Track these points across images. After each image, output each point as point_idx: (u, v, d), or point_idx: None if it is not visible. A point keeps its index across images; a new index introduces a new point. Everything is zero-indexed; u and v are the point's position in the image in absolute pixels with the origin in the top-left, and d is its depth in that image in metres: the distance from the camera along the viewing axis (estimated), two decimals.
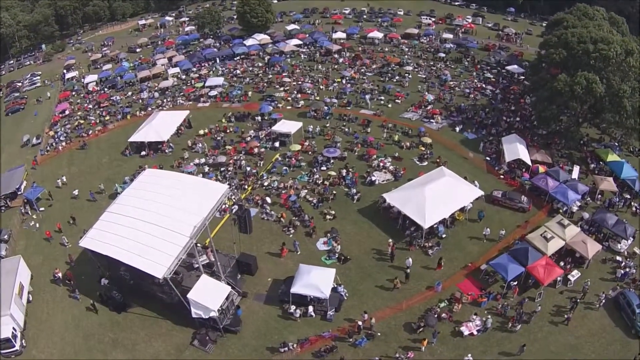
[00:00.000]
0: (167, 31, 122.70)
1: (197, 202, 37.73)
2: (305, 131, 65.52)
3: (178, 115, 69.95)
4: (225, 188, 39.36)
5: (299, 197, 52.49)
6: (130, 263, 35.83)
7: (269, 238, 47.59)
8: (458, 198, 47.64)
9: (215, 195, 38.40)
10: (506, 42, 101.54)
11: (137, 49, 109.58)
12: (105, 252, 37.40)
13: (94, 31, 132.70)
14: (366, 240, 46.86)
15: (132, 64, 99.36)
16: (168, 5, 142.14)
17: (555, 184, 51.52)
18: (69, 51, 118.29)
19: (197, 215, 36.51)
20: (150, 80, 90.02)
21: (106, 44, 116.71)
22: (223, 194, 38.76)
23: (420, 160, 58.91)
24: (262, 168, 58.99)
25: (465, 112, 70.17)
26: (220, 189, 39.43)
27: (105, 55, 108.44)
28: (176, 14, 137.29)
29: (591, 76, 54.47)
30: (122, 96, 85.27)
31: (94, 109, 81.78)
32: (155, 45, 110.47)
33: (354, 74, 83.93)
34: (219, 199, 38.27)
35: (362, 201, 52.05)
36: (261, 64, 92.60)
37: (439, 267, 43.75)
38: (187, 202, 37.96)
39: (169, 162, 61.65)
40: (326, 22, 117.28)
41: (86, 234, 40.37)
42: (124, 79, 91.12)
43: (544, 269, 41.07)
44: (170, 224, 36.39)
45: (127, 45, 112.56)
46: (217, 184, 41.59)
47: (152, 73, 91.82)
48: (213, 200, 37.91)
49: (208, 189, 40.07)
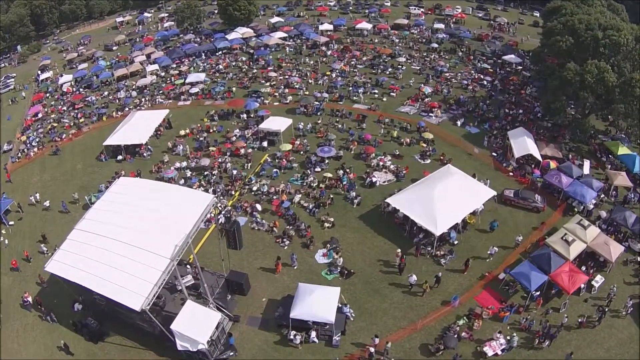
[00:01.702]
0: (146, 28, 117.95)
1: (178, 216, 32.57)
2: (295, 129, 60.65)
3: (157, 115, 64.49)
4: (210, 198, 34.15)
5: (293, 203, 47.49)
6: (102, 292, 30.69)
7: (262, 251, 42.59)
8: (469, 199, 43.21)
9: (199, 207, 33.20)
10: (499, 31, 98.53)
11: (114, 47, 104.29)
12: (73, 278, 32.13)
13: (70, 30, 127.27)
14: (370, 250, 42.11)
15: (109, 62, 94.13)
16: (146, 1, 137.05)
17: (569, 180, 47.78)
18: (44, 51, 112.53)
19: (179, 232, 31.34)
20: (127, 79, 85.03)
21: (82, 43, 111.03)
22: (208, 205, 33.56)
23: (423, 157, 54.44)
24: (250, 171, 53.87)
25: (466, 105, 65.97)
26: (204, 199, 34.19)
27: (81, 54, 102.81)
28: (155, 10, 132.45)
29: (602, 64, 51.20)
30: (97, 96, 79.95)
31: (68, 111, 76.36)
32: (133, 43, 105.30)
33: (344, 66, 79.74)
34: (204, 212, 33.10)
35: (363, 205, 47.31)
36: (245, 58, 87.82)
37: (466, 268, 39.75)
38: (167, 216, 32.74)
39: (148, 166, 56.40)
40: (311, 14, 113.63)
41: (53, 256, 34.96)
42: (99, 79, 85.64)
43: (568, 276, 37.33)
44: (148, 243, 31.16)
45: (104, 43, 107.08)
46: (201, 194, 36.40)
47: (130, 71, 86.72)
48: (196, 214, 32.73)
49: (191, 199, 34.78)
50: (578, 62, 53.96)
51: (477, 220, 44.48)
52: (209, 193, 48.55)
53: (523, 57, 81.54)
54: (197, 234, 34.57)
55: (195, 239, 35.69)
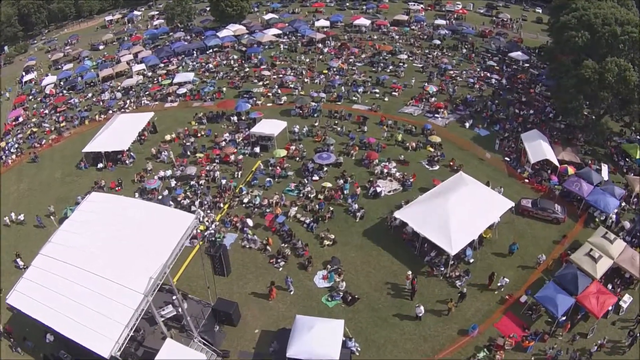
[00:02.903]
0: (135, 26, 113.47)
1: (154, 241, 27.87)
2: (290, 132, 56.02)
3: (141, 118, 59.72)
4: (191, 219, 29.38)
5: (288, 217, 42.71)
6: (66, 334, 25.92)
7: (253, 273, 37.80)
8: (486, 212, 38.61)
9: (179, 230, 28.48)
10: (502, 28, 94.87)
11: (101, 46, 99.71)
12: (35, 315, 27.34)
13: (59, 30, 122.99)
14: (377, 271, 37.42)
15: (95, 62, 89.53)
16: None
17: (590, 188, 43.59)
18: (31, 52, 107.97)
19: (155, 260, 26.66)
20: (113, 80, 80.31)
21: (70, 43, 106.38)
22: (189, 228, 28.84)
23: (431, 163, 49.88)
24: (241, 180, 49.09)
25: (473, 105, 61.56)
26: (185, 220, 29.43)
27: (67, 54, 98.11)
28: (145, 8, 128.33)
29: (623, 62, 47.22)
30: (81, 98, 75.24)
31: (50, 114, 71.65)
32: (121, 42, 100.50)
33: (342, 64, 75.39)
34: (183, 236, 28.39)
35: (367, 219, 42.61)
36: (236, 57, 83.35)
37: (490, 282, 35.85)
38: (142, 241, 28.01)
39: (130, 175, 51.68)
40: (307, 10, 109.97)
41: (15, 286, 30.09)
42: (84, 79, 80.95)
43: (596, 297, 33.15)
44: (119, 274, 26.40)
45: (91, 42, 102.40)
46: (182, 214, 31.51)
47: (115, 71, 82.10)
48: (175, 238, 28.01)
49: (169, 220, 30.02)
50: (595, 59, 49.85)
51: (493, 234, 40.01)
52: (195, 205, 44.29)
53: (529, 54, 77.46)
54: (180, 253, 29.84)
55: (178, 260, 30.98)
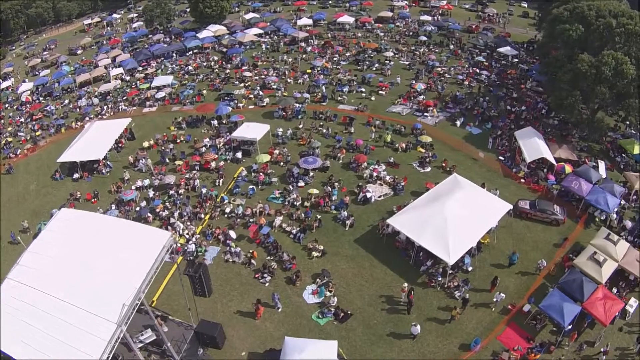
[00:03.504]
0: (114, 29, 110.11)
1: (127, 263, 25.05)
2: (273, 135, 53.35)
3: (117, 125, 56.44)
4: (167, 238, 26.60)
5: (273, 228, 39.97)
6: None
7: (238, 289, 34.98)
8: (484, 216, 36.25)
9: (154, 250, 25.71)
10: (489, 23, 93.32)
11: (79, 51, 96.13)
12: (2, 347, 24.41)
13: (38, 35, 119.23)
14: (370, 284, 34.83)
15: (73, 67, 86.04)
16: (116, 2, 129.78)
17: (589, 186, 41.56)
18: (9, 58, 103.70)
19: (129, 284, 23.90)
20: (90, 85, 76.96)
21: (48, 48, 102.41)
22: (164, 247, 26.06)
23: (422, 165, 47.51)
24: (222, 188, 46.27)
25: (464, 102, 59.40)
26: (160, 238, 26.64)
27: (45, 60, 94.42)
28: (125, 10, 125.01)
29: (620, 55, 45.32)
30: (57, 105, 71.83)
31: (26, 122, 68.09)
32: (99, 46, 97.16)
33: (326, 63, 72.98)
34: (158, 257, 25.62)
35: (357, 227, 39.98)
36: (217, 58, 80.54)
37: (493, 288, 33.89)
38: (114, 263, 25.13)
39: (107, 185, 48.63)
40: (288, 9, 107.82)
41: None
42: (60, 85, 77.54)
43: (602, 303, 31.25)
44: (91, 301, 23.53)
45: (69, 47, 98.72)
46: (157, 232, 28.67)
47: (93, 76, 78.64)
48: (150, 259, 25.23)
49: (143, 239, 27.20)
50: (589, 53, 48.12)
51: (492, 239, 37.74)
52: (174, 217, 41.43)
53: (518, 49, 75.70)
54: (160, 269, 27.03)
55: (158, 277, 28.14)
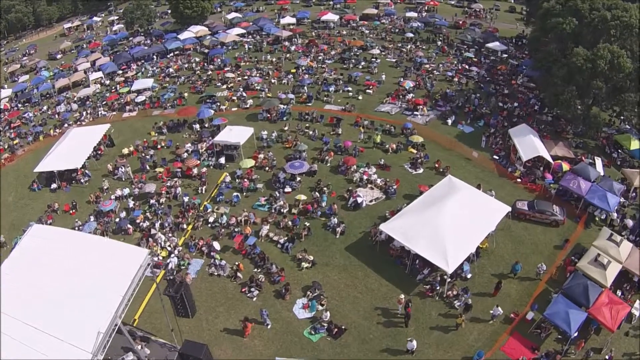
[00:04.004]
0: (95, 32, 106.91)
1: (103, 285, 22.75)
2: (258, 139, 51.09)
3: (96, 131, 53.71)
4: (144, 256, 24.28)
5: (260, 238, 37.73)
6: None
7: (224, 305, 32.70)
8: (482, 220, 34.34)
9: (130, 270, 23.39)
10: (475, 18, 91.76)
11: (59, 55, 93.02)
12: None
13: (18, 40, 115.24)
14: (364, 295, 32.74)
15: (52, 72, 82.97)
16: (97, 5, 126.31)
17: (588, 185, 39.93)
18: None
19: (105, 308, 21.65)
20: (69, 90, 74.09)
21: (28, 53, 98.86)
22: (141, 267, 23.74)
23: (414, 166, 45.53)
24: (205, 196, 43.93)
25: (454, 100, 57.60)
26: (137, 257, 24.31)
27: (25, 65, 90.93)
28: (105, 13, 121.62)
29: (616, 49, 43.90)
30: (36, 112, 68.84)
31: (4, 130, 64.84)
32: (79, 50, 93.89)
33: (310, 62, 70.81)
34: (135, 277, 23.30)
35: (348, 234, 37.85)
36: (198, 59, 78.01)
37: (497, 292, 32.36)
38: (89, 285, 22.82)
39: (86, 195, 46.01)
40: (271, 8, 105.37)
41: None
42: (39, 91, 74.56)
43: (609, 309, 29.72)
44: (64, 328, 21.25)
45: (49, 52, 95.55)
46: (133, 250, 26.29)
47: (72, 81, 75.70)
48: (127, 280, 22.92)
49: (119, 258, 24.80)
50: (583, 47, 46.54)
51: (490, 243, 35.87)
52: (155, 228, 39.06)
53: (507, 44, 74.18)
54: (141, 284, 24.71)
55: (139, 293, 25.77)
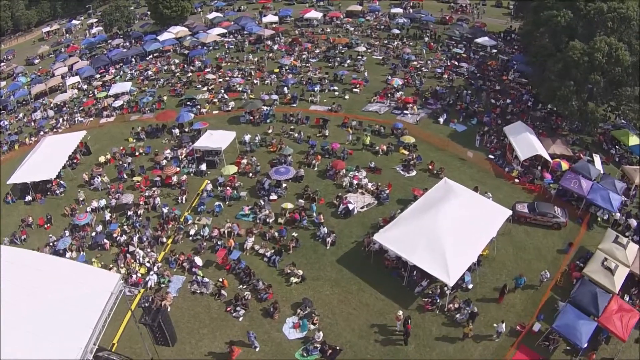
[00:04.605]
0: (73, 36, 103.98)
1: (72, 316, 20.25)
2: (240, 143, 48.51)
3: (70, 139, 50.68)
4: (115, 282, 21.63)
5: (245, 251, 35.06)
6: None
7: (208, 326, 30.03)
8: (483, 226, 32.10)
9: (101, 298, 20.78)
10: (462, 14, 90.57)
11: (36, 60, 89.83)
12: None
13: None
14: (358, 311, 30.29)
15: (29, 78, 79.80)
16: (76, 8, 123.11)
17: (589, 184, 38.14)
18: None
19: (72, 343, 19.20)
20: (46, 96, 71.04)
21: (5, 59, 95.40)
22: (112, 294, 21.10)
23: (406, 169, 43.26)
24: (186, 206, 41.22)
25: (445, 97, 55.64)
26: (108, 282, 21.68)
27: (2, 71, 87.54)
28: (85, 16, 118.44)
29: (613, 41, 42.45)
30: (12, 120, 65.69)
31: None
32: (57, 54, 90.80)
33: (294, 61, 68.49)
34: (106, 306, 20.70)
35: (339, 244, 35.37)
36: (178, 61, 75.23)
37: (501, 298, 30.52)
38: (57, 316, 20.32)
39: (61, 208, 43.09)
40: (253, 7, 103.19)
41: None
42: (15, 98, 71.33)
43: (619, 317, 28.03)
44: None
45: (27, 57, 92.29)
46: (103, 275, 23.63)
47: (48, 86, 72.61)
48: (96, 310, 20.32)
49: (89, 284, 22.11)
50: (579, 40, 45.14)
51: (491, 250, 33.72)
52: (133, 243, 36.33)
53: (496, 39, 72.66)
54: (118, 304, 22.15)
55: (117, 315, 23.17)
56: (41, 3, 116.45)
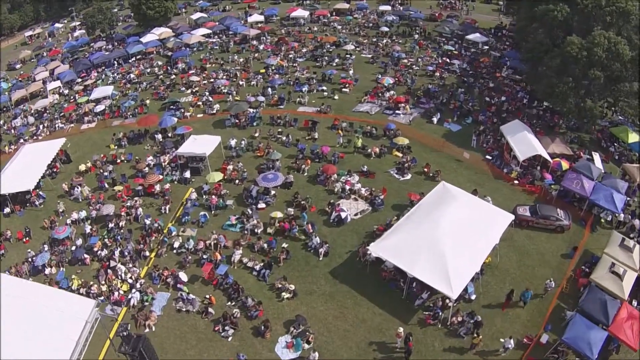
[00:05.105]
0: (56, 39, 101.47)
1: (44, 348, 18.22)
2: (226, 148, 46.39)
3: (50, 147, 48.25)
4: (90, 308, 19.59)
5: (232, 264, 32.90)
6: None
7: (195, 347, 27.87)
8: (485, 233, 30.34)
9: (74, 329, 18.77)
10: (451, 10, 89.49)
11: (18, 65, 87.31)
12: None
13: None
14: (355, 328, 28.31)
15: (11, 83, 77.15)
16: (59, 11, 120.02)
17: (591, 184, 36.73)
18: None
19: None
20: (27, 102, 68.49)
21: None
22: (87, 323, 19.07)
23: (401, 172, 41.37)
24: (169, 216, 38.99)
25: (438, 96, 53.99)
26: (81, 310, 19.63)
27: None
28: (68, 19, 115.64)
29: (612, 36, 41.13)
30: None
31: None
32: (39, 58, 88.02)
33: (281, 61, 66.49)
34: (80, 336, 18.69)
35: (333, 255, 33.33)
36: (161, 63, 73.01)
37: (507, 302, 29.13)
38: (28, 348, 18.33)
39: (40, 220, 40.59)
40: (238, 7, 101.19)
41: None
42: None
43: (630, 326, 26.64)
44: None
45: (8, 62, 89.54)
46: (78, 301, 21.45)
47: (29, 92, 69.99)
48: (71, 341, 18.35)
49: (62, 312, 20.14)
50: (576, 35, 43.87)
51: (494, 257, 31.94)
52: (115, 257, 34.10)
53: (487, 35, 71.36)
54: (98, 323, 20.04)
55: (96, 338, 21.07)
56: (24, 7, 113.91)
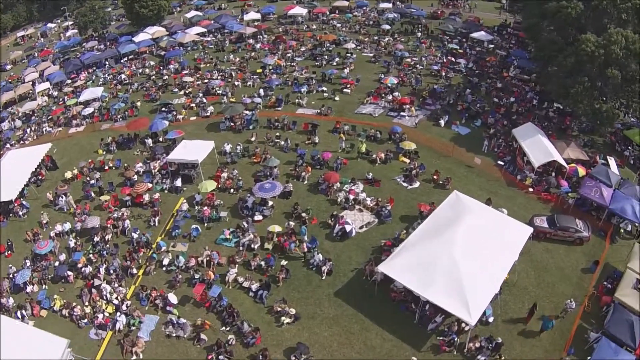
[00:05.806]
0: (48, 40, 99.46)
1: None
2: (220, 154, 43.82)
3: (34, 153, 45.65)
4: (62, 349, 17.06)
5: (227, 284, 30.27)
6: None
7: None
8: (503, 249, 27.78)
9: None
10: (453, 8, 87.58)
11: (8, 66, 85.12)
12: None
13: None
14: (363, 356, 25.54)
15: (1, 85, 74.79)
16: (53, 11, 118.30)
17: (610, 192, 34.37)
18: None
19: None
20: (15, 104, 65.97)
21: None
22: None
23: (408, 180, 38.69)
24: (159, 229, 36.23)
25: (444, 97, 51.58)
26: (54, 351, 17.08)
27: None
28: (61, 19, 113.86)
29: (630, 34, 39.00)
30: None
31: None
32: (30, 59, 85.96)
33: (278, 60, 64.17)
34: None
35: (337, 273, 30.66)
36: (154, 63, 70.68)
37: (530, 317, 27.01)
38: None
39: (23, 232, 37.89)
40: (234, 5, 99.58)
41: None
42: None
43: None
44: None
45: None
46: (50, 341, 18.94)
47: (18, 94, 67.47)
48: None
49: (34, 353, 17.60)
50: None
51: (512, 275, 29.32)
52: (99, 275, 31.56)
53: (492, 33, 69.39)
54: None
55: None
56: (17, 7, 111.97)
